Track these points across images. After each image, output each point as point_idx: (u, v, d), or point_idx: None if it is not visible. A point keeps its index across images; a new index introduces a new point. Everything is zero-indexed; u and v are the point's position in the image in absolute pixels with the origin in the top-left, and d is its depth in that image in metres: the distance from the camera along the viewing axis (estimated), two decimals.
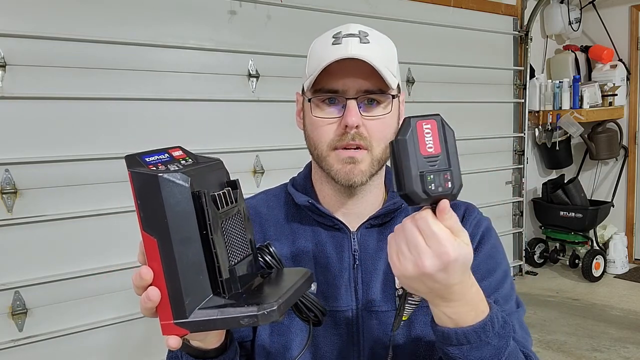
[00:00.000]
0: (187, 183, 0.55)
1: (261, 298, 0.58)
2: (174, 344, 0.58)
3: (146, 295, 0.56)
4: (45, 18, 2.04)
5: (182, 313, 0.56)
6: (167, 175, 0.55)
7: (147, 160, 0.56)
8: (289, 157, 2.66)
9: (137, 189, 0.55)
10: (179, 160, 0.58)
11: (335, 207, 0.88)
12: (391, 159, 0.62)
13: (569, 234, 4.06)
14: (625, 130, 4.30)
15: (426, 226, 0.60)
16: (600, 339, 2.96)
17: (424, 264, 0.59)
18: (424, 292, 0.64)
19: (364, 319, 0.85)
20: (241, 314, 0.56)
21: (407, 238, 0.61)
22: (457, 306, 0.65)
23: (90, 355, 2.20)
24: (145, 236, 0.56)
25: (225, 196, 0.59)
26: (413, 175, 0.59)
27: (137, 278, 0.57)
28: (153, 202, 0.54)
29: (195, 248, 0.56)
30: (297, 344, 0.84)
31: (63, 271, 2.11)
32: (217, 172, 0.62)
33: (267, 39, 2.64)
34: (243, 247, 0.61)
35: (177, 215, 0.55)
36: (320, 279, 0.85)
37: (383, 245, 0.87)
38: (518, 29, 3.90)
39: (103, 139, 2.18)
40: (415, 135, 0.60)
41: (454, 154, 0.61)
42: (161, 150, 0.59)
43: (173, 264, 0.55)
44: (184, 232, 0.55)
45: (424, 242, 0.60)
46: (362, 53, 0.77)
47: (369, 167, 0.82)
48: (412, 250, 0.60)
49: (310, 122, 0.84)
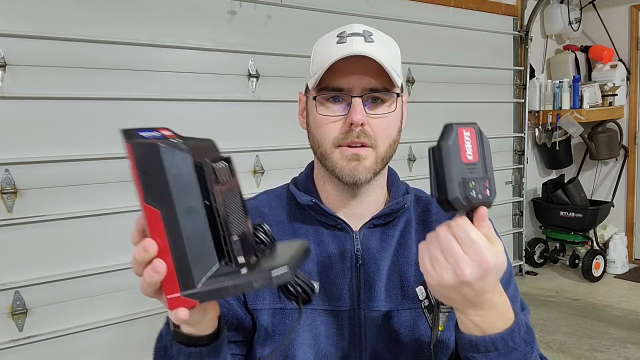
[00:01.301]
0: (189, 153, 0.54)
1: (270, 263, 0.58)
2: (184, 315, 0.55)
3: (152, 268, 0.54)
4: (45, 18, 2.04)
5: (190, 283, 0.54)
6: (169, 145, 0.53)
7: (142, 135, 0.55)
8: (289, 157, 2.66)
9: (138, 160, 0.53)
10: (169, 139, 0.57)
11: (337, 206, 0.88)
12: (431, 164, 0.61)
13: (569, 234, 4.06)
14: (625, 130, 4.30)
15: (464, 234, 0.59)
16: (600, 339, 2.96)
17: (463, 272, 0.59)
18: (457, 300, 0.63)
19: (367, 319, 0.84)
20: (254, 277, 0.55)
21: (443, 246, 0.60)
22: (486, 314, 0.65)
23: (90, 355, 2.20)
24: (148, 208, 0.54)
25: (223, 170, 0.59)
26: (455, 182, 0.59)
27: (141, 252, 0.55)
28: (156, 173, 0.53)
29: (199, 218, 0.55)
30: (300, 342, 0.84)
31: (63, 271, 2.11)
32: (210, 149, 0.61)
33: (267, 39, 2.64)
34: (241, 221, 0.61)
35: (180, 185, 0.54)
36: (323, 279, 0.85)
37: (386, 245, 0.87)
38: (518, 29, 3.90)
39: (103, 139, 2.18)
40: (457, 141, 0.60)
41: (490, 163, 0.62)
42: (152, 128, 0.57)
43: (179, 234, 0.54)
44: (187, 202, 0.54)
45: (461, 250, 0.60)
46: (368, 51, 0.77)
47: (373, 164, 0.82)
48: (449, 258, 0.60)
49: (314, 120, 0.84)
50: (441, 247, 0.61)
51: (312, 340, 0.84)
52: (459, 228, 0.60)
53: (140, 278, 0.56)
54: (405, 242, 0.88)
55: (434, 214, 0.92)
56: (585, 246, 4.08)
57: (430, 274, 0.62)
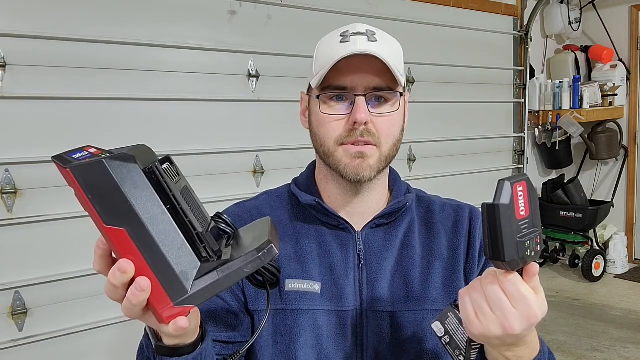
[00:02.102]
0: (134, 161, 0.51)
1: (249, 246, 0.57)
2: (184, 324, 0.54)
3: (137, 288, 0.52)
4: (45, 18, 2.04)
5: (180, 290, 0.53)
6: (112, 159, 0.50)
7: (76, 157, 0.52)
8: (289, 157, 2.66)
9: (85, 183, 0.50)
10: (99, 156, 0.54)
11: (339, 206, 0.88)
12: (485, 223, 0.60)
13: (569, 234, 4.06)
14: (625, 130, 4.30)
15: (515, 290, 0.60)
16: (600, 339, 2.96)
17: (512, 327, 0.60)
18: (495, 345, 0.65)
19: (369, 319, 0.84)
20: (242, 262, 0.54)
21: (492, 299, 0.61)
22: (519, 350, 0.66)
23: (90, 355, 2.20)
24: (110, 230, 0.51)
25: (170, 170, 0.57)
26: (512, 244, 0.59)
27: (117, 275, 0.52)
28: (109, 191, 0.50)
29: (167, 223, 0.52)
30: (301, 343, 0.83)
31: (63, 271, 2.11)
32: (147, 153, 0.58)
33: (267, 39, 2.64)
34: (203, 216, 0.59)
35: (139, 196, 0.51)
36: (325, 279, 0.85)
37: (388, 245, 0.87)
38: (518, 29, 3.90)
39: (103, 139, 2.17)
40: (512, 200, 0.59)
41: (538, 214, 0.62)
42: (78, 149, 0.54)
43: (154, 245, 0.51)
44: (151, 211, 0.51)
45: (510, 305, 0.60)
46: (372, 49, 0.77)
47: (377, 163, 0.82)
48: (497, 311, 0.60)
49: (317, 119, 0.84)
50: (488, 300, 0.61)
51: (314, 340, 0.83)
52: (510, 285, 0.60)
53: (121, 303, 0.54)
54: (409, 243, 0.88)
55: (436, 215, 0.92)
56: (585, 246, 4.08)
57: (474, 324, 0.62)
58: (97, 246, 0.55)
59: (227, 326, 0.84)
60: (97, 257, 0.55)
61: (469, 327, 0.63)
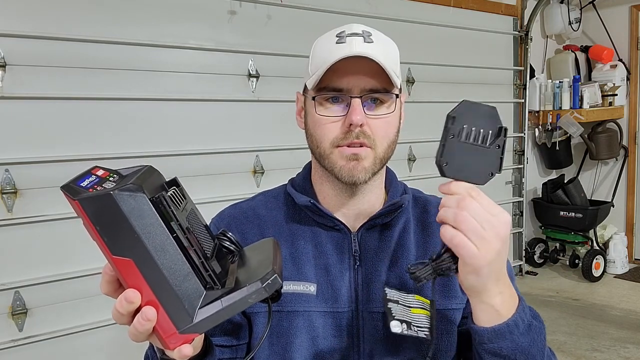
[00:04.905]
0: (142, 192, 0.52)
1: (253, 273, 0.57)
2: (188, 352, 0.55)
3: (142, 317, 0.53)
4: (45, 18, 2.04)
5: (185, 319, 0.54)
6: (120, 190, 0.51)
7: (83, 186, 0.53)
8: (289, 157, 2.66)
9: (93, 215, 0.51)
10: (107, 179, 0.55)
11: (335, 207, 0.88)
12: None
13: (569, 234, 4.06)
14: (625, 130, 4.30)
15: (483, 198, 0.63)
16: (600, 339, 2.96)
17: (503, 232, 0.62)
18: (486, 274, 0.63)
19: (365, 320, 0.84)
20: (246, 293, 0.55)
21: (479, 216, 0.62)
22: (505, 291, 0.66)
23: (90, 355, 2.20)
24: (118, 260, 0.52)
25: (177, 195, 0.58)
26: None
27: (124, 304, 0.53)
28: (117, 223, 0.51)
29: (174, 252, 0.53)
30: (297, 345, 0.83)
31: (63, 271, 2.11)
32: (154, 177, 0.59)
33: (267, 39, 2.64)
34: (207, 238, 0.60)
35: (147, 228, 0.52)
36: (321, 280, 0.85)
37: (384, 246, 0.87)
38: (518, 29, 3.90)
39: (103, 139, 2.18)
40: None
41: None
42: (85, 173, 0.55)
43: (160, 276, 0.53)
44: (158, 241, 0.53)
45: (489, 214, 0.62)
46: (368, 51, 0.77)
47: (372, 165, 0.81)
48: (486, 225, 0.62)
49: (313, 121, 0.83)
50: (477, 219, 0.61)
51: (310, 342, 0.83)
52: (477, 192, 0.63)
53: (128, 326, 0.55)
54: (404, 243, 0.88)
55: (432, 215, 0.91)
56: (585, 246, 4.08)
57: (476, 256, 0.61)
58: (104, 272, 0.56)
59: (223, 330, 0.85)
60: (105, 282, 0.56)
61: (474, 261, 0.61)
